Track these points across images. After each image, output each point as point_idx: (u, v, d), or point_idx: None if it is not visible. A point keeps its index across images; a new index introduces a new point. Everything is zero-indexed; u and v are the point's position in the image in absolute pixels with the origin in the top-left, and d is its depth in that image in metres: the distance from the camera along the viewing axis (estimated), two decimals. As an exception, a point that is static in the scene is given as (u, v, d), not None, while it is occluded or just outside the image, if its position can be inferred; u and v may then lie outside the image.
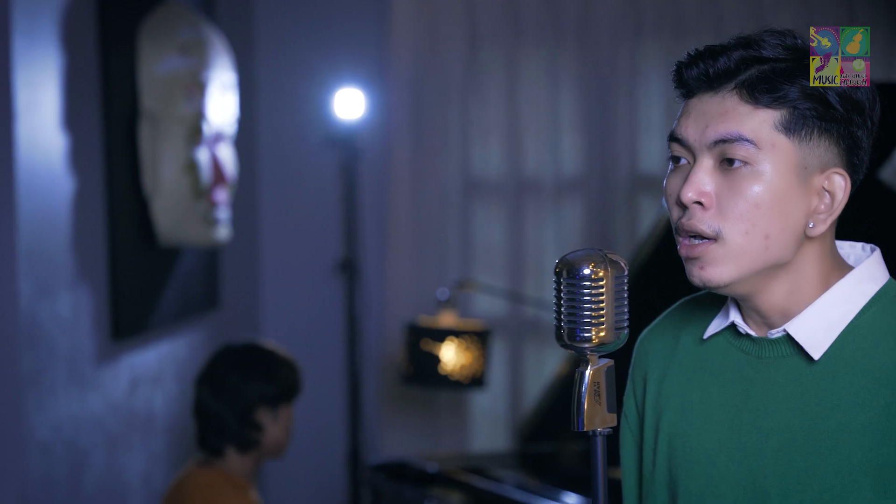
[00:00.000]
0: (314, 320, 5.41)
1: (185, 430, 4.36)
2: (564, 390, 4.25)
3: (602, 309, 1.56)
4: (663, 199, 1.78)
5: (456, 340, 4.46)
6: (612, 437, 1.66)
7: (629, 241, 5.36)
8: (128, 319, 3.93)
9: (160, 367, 4.30)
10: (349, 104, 5.03)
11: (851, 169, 1.70)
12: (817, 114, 1.65)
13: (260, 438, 3.29)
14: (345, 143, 5.15)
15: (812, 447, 1.67)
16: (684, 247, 1.70)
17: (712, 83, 1.69)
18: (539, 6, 5.34)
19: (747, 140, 1.66)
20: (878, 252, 1.76)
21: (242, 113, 4.47)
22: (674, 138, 1.73)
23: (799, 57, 1.67)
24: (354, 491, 5.17)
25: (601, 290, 1.56)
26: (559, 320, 1.59)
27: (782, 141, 1.66)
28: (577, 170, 5.40)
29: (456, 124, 5.38)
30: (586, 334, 1.57)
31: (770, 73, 1.66)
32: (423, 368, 4.50)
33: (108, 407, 3.86)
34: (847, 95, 1.66)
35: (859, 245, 1.78)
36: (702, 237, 1.69)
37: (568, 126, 5.39)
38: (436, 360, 4.46)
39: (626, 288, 1.59)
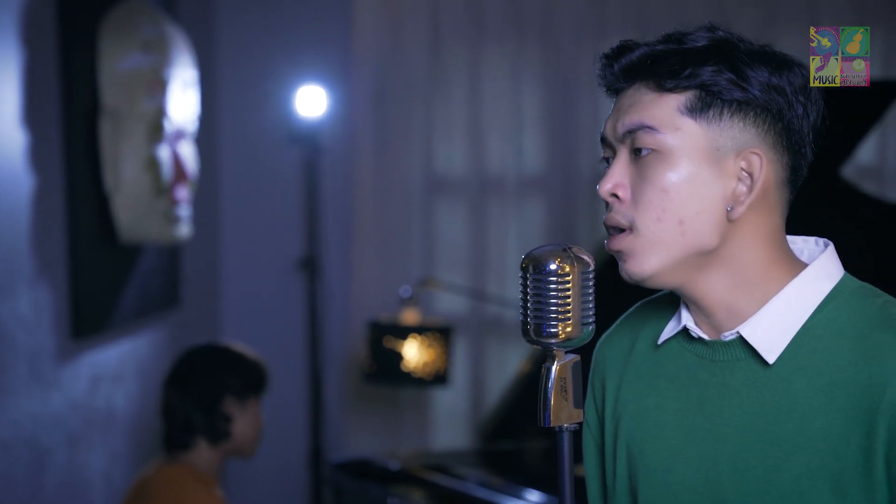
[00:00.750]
0: (275, 318, 5.40)
1: (147, 429, 4.34)
2: (526, 388, 4.26)
3: (568, 304, 1.56)
4: None
5: (419, 338, 4.46)
6: (578, 434, 1.65)
7: (591, 239, 5.37)
8: (88, 317, 3.90)
9: (121, 366, 4.28)
10: (311, 101, 5.02)
11: (783, 152, 1.67)
12: (728, 95, 1.63)
13: (230, 430, 3.29)
14: (307, 140, 5.13)
15: (769, 452, 1.65)
16: (608, 241, 1.70)
17: (619, 79, 1.70)
18: (502, 4, 5.34)
19: (649, 127, 1.65)
20: (831, 247, 1.73)
21: (203, 110, 4.44)
22: (601, 139, 1.74)
23: (717, 44, 1.66)
24: (316, 489, 5.16)
25: (567, 286, 1.56)
26: (525, 316, 1.59)
27: (688, 124, 1.65)
28: (539, 168, 5.41)
29: (419, 122, 5.37)
30: (552, 329, 1.57)
31: (678, 60, 1.65)
32: (386, 366, 4.49)
33: (68, 405, 3.83)
34: (766, 78, 1.64)
35: (812, 240, 1.75)
36: (621, 230, 1.68)
37: (531, 124, 5.39)
38: (398, 357, 4.46)
39: (592, 283, 1.59)
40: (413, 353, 4.46)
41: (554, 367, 1.60)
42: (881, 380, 1.59)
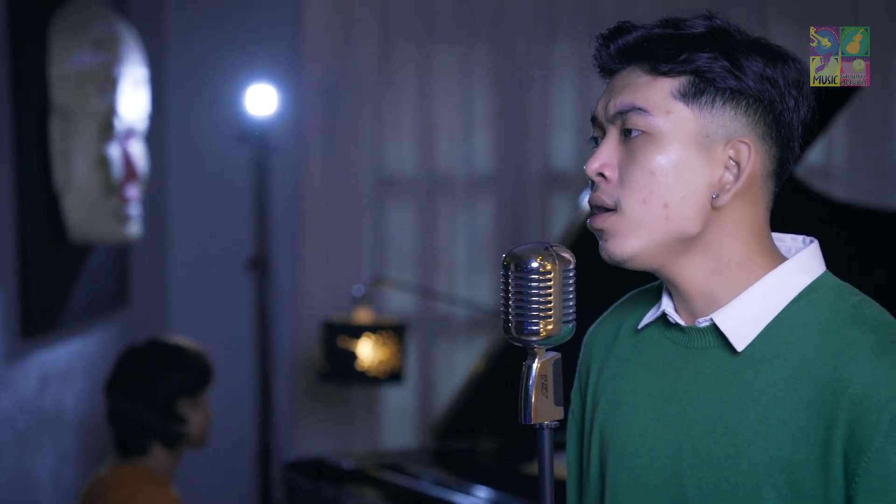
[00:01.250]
0: (225, 318, 5.38)
1: (96, 429, 4.31)
2: (479, 387, 4.26)
3: (550, 302, 1.56)
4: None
5: (372, 336, 4.45)
6: (559, 428, 1.65)
7: (541, 237, 5.38)
8: (38, 317, 3.87)
9: (70, 366, 4.25)
10: (261, 100, 5.00)
11: (772, 144, 1.68)
12: (722, 83, 1.64)
13: (185, 430, 3.28)
14: (257, 139, 5.11)
15: (730, 440, 1.66)
16: (591, 219, 1.71)
17: (616, 60, 1.71)
18: (453, 4, 5.34)
19: (640, 109, 1.66)
20: (815, 244, 1.74)
21: (153, 109, 4.42)
22: (591, 118, 1.75)
23: (713, 32, 1.67)
24: (265, 489, 5.14)
25: (549, 284, 1.56)
26: (507, 313, 1.59)
27: (680, 108, 1.66)
28: (489, 167, 5.42)
29: (369, 121, 5.37)
30: (534, 327, 1.57)
31: (674, 45, 1.66)
32: (340, 365, 4.49)
33: (17, 405, 3.80)
34: (760, 69, 1.65)
35: (801, 238, 1.76)
36: (605, 209, 1.69)
37: (481, 124, 5.41)
38: (352, 356, 4.45)
39: (572, 281, 1.59)
40: (367, 351, 4.46)
41: (535, 365, 1.60)
42: (845, 375, 1.60)
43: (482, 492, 3.78)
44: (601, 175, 1.69)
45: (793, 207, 3.58)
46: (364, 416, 5.41)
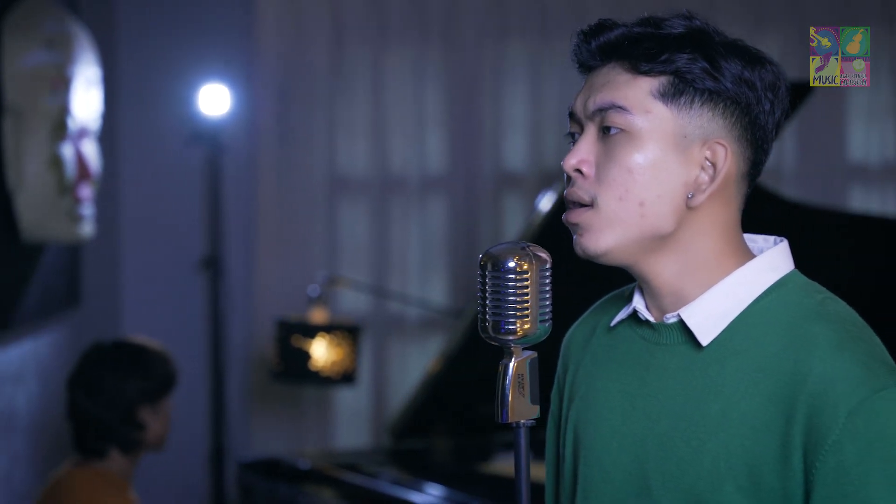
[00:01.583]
0: (177, 317, 5.36)
1: (48, 430, 4.29)
2: (436, 387, 4.27)
3: (526, 301, 1.57)
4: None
5: (327, 337, 4.45)
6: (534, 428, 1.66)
7: (494, 238, 5.40)
8: (-10, 317, 3.85)
9: (22, 366, 4.22)
10: (214, 100, 4.98)
11: (747, 146, 1.70)
12: (701, 84, 1.66)
13: (144, 437, 3.26)
14: (209, 139, 5.10)
15: (693, 433, 1.68)
16: (566, 214, 1.72)
17: (597, 56, 1.72)
18: (404, 5, 5.35)
19: (620, 107, 1.67)
20: (785, 243, 1.76)
21: (104, 108, 4.40)
22: (569, 114, 1.76)
23: (692, 32, 1.68)
24: (218, 489, 5.13)
25: (526, 283, 1.57)
26: (484, 313, 1.60)
27: (659, 108, 1.67)
28: (442, 168, 5.43)
29: (322, 121, 5.37)
30: (511, 326, 1.58)
31: (655, 44, 1.68)
32: (294, 365, 4.48)
33: (-30, 407, 3.78)
34: (739, 72, 1.67)
35: (772, 238, 1.78)
36: (581, 205, 1.70)
37: (433, 124, 5.42)
38: (307, 356, 4.45)
39: (549, 281, 1.60)
40: (321, 351, 4.45)
41: (511, 364, 1.61)
42: (804, 368, 1.62)
43: (439, 491, 3.79)
44: (578, 171, 1.71)
45: (745, 208, 3.62)
46: (317, 417, 5.40)
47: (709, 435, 1.66)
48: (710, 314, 1.70)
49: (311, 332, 4.45)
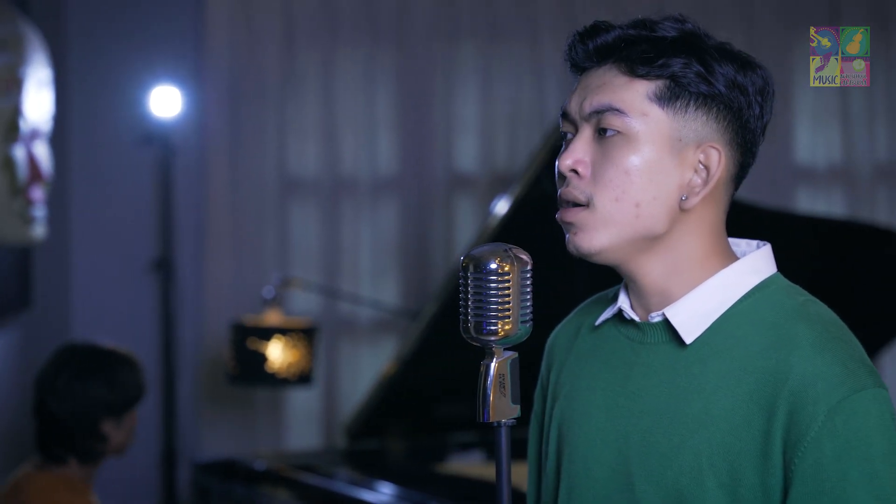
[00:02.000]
0: (128, 319, 5.33)
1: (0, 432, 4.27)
2: (391, 389, 4.28)
3: (508, 303, 1.59)
4: None
5: (283, 338, 4.45)
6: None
7: (445, 239, 5.42)
8: (-57, 320, 3.82)
9: (-27, 369, 4.20)
10: (165, 102, 4.97)
11: (736, 149, 1.74)
12: (696, 88, 1.70)
13: (105, 449, 3.22)
14: (160, 140, 5.09)
15: (675, 430, 1.71)
16: (560, 212, 1.75)
17: (593, 58, 1.75)
18: (355, 6, 5.36)
19: (618, 109, 1.71)
20: (768, 247, 1.80)
21: (54, 110, 4.37)
22: (562, 114, 1.79)
23: (685, 36, 1.72)
24: (169, 491, 5.11)
25: (507, 285, 1.59)
26: (466, 314, 1.62)
27: (655, 111, 1.71)
28: (393, 169, 5.44)
29: (273, 122, 5.36)
30: (492, 327, 1.60)
31: (651, 48, 1.71)
32: (250, 367, 4.47)
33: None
34: (731, 76, 1.71)
35: (755, 242, 1.81)
36: (577, 204, 1.73)
37: (384, 126, 5.42)
38: (262, 358, 4.45)
39: (530, 282, 1.63)
40: (277, 353, 4.45)
41: (493, 364, 1.63)
42: (786, 367, 1.66)
43: (394, 491, 3.81)
44: (574, 171, 1.74)
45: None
46: (269, 418, 5.40)
47: (691, 431, 1.70)
48: (693, 313, 1.74)
49: (266, 334, 4.45)
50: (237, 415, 5.40)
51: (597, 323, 1.86)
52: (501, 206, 3.91)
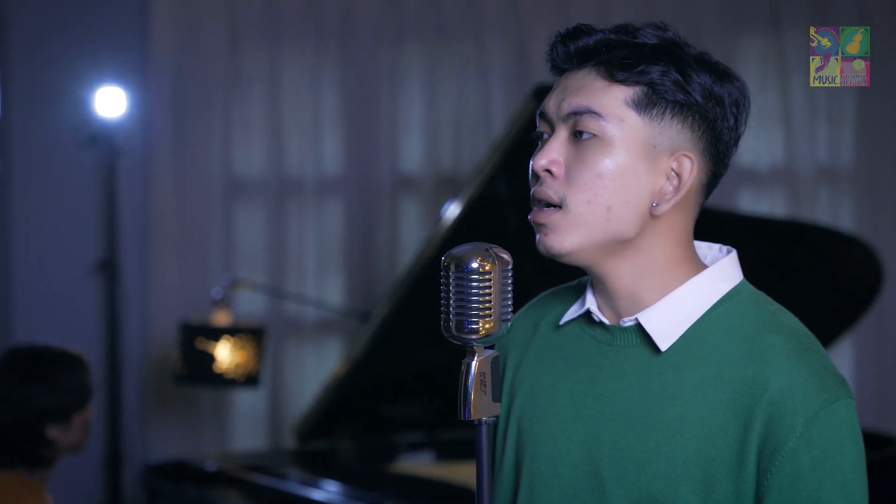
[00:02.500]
0: (72, 321, 5.30)
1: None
2: (341, 390, 4.28)
3: (489, 301, 1.60)
4: None
5: (231, 339, 4.44)
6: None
7: (390, 240, 5.43)
8: None
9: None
10: (110, 102, 4.94)
11: (709, 159, 1.76)
12: (672, 96, 1.72)
13: (53, 454, 3.15)
14: (105, 141, 5.05)
15: (649, 435, 1.73)
16: (533, 213, 1.77)
17: (574, 60, 1.77)
18: (301, 7, 5.35)
19: (595, 113, 1.72)
20: (734, 254, 1.82)
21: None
22: (540, 113, 1.80)
23: (666, 44, 1.74)
24: (115, 493, 5.08)
25: (488, 284, 1.61)
26: (447, 313, 1.63)
27: (632, 117, 1.72)
28: (338, 170, 5.44)
29: (218, 123, 5.35)
30: (474, 326, 1.61)
31: (631, 53, 1.73)
32: (198, 367, 4.46)
33: None
34: (708, 86, 1.73)
35: (717, 246, 1.84)
36: (549, 205, 1.75)
37: (330, 126, 5.42)
38: (211, 359, 4.43)
39: (510, 281, 1.64)
40: (225, 354, 4.44)
41: (474, 363, 1.64)
42: (763, 378, 1.69)
43: (347, 490, 3.81)
44: (548, 171, 1.75)
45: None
46: (214, 419, 5.38)
47: (666, 438, 1.72)
48: (667, 321, 1.76)
49: (215, 334, 4.44)
50: (182, 416, 5.38)
51: (561, 322, 1.87)
52: (452, 210, 3.92)
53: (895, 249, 5.44)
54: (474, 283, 1.60)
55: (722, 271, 1.79)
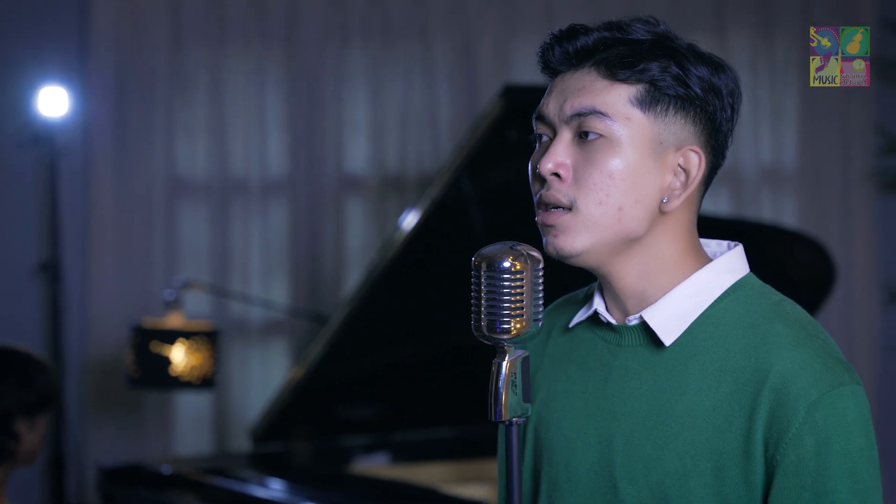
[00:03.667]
0: (13, 323, 5.22)
1: None
2: (297, 393, 4.25)
3: (521, 301, 1.60)
4: None
5: (187, 342, 4.39)
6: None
7: (335, 240, 5.40)
8: None
9: None
10: (52, 102, 4.87)
11: (710, 151, 1.76)
12: (674, 91, 1.72)
13: (16, 448, 3.17)
14: (45, 141, 4.98)
15: (659, 432, 1.73)
16: (541, 215, 1.75)
17: (572, 60, 1.76)
18: (245, 7, 5.31)
19: (601, 113, 1.72)
20: (740, 247, 1.82)
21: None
22: (538, 116, 1.79)
23: (660, 39, 1.74)
24: (57, 497, 5.02)
25: (521, 283, 1.60)
26: (479, 312, 1.62)
27: (637, 115, 1.72)
28: (283, 170, 5.41)
29: (160, 123, 5.29)
30: (505, 325, 1.60)
31: (630, 51, 1.73)
32: (153, 371, 4.41)
33: None
34: (706, 78, 1.73)
35: (725, 243, 1.84)
36: (557, 207, 1.74)
37: (274, 127, 5.38)
38: (166, 361, 4.39)
39: (541, 280, 1.63)
40: (181, 357, 4.39)
41: (505, 363, 1.63)
42: (766, 365, 1.69)
43: (303, 492, 3.79)
44: (555, 174, 1.74)
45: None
46: (158, 422, 5.32)
47: (675, 433, 1.72)
48: (671, 315, 1.76)
49: (170, 337, 4.39)
50: (126, 419, 5.31)
51: (570, 325, 1.87)
52: (410, 220, 3.92)
53: (838, 250, 5.49)
54: (506, 283, 1.59)
55: (727, 264, 1.79)
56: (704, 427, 1.70)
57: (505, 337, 1.61)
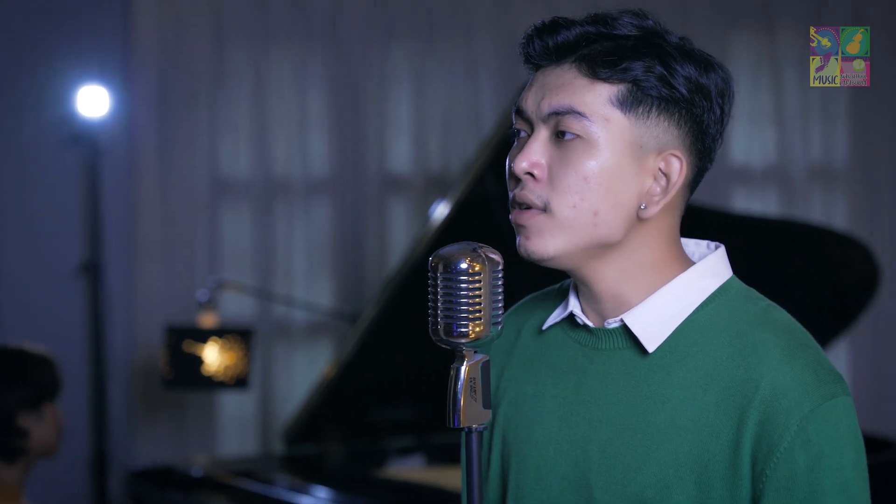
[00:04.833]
0: (57, 324, 5.24)
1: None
2: (330, 392, 4.23)
3: (479, 304, 1.54)
4: None
5: (219, 341, 4.38)
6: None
7: (378, 241, 5.37)
8: None
9: None
10: (93, 101, 4.87)
11: (696, 154, 1.68)
12: (657, 92, 1.63)
13: (26, 444, 3.16)
14: (87, 141, 4.99)
15: (639, 441, 1.66)
16: (514, 214, 1.68)
17: (552, 55, 1.68)
18: (287, 5, 5.29)
19: (579, 113, 1.64)
20: (722, 249, 1.75)
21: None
22: (517, 110, 1.71)
23: (647, 35, 1.66)
24: (101, 498, 5.02)
25: (478, 285, 1.54)
26: (435, 316, 1.56)
27: (617, 117, 1.64)
28: (326, 170, 5.38)
29: (203, 123, 5.29)
30: (463, 329, 1.54)
31: (613, 48, 1.64)
32: (186, 370, 4.40)
33: None
34: (693, 78, 1.64)
35: (704, 243, 1.76)
36: (532, 207, 1.66)
37: (317, 126, 5.37)
38: (199, 361, 4.37)
39: (501, 283, 1.57)
40: (214, 356, 4.38)
41: (463, 368, 1.57)
42: (755, 376, 1.61)
43: (335, 496, 3.76)
44: (530, 174, 1.67)
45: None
46: (201, 423, 5.32)
47: (656, 443, 1.65)
48: (654, 320, 1.68)
49: (202, 336, 4.38)
50: (170, 420, 5.32)
51: (544, 327, 1.79)
52: (441, 211, 3.87)
53: (890, 249, 5.39)
54: (463, 285, 1.53)
55: (710, 267, 1.72)
56: (688, 437, 1.63)
57: (462, 341, 1.55)
